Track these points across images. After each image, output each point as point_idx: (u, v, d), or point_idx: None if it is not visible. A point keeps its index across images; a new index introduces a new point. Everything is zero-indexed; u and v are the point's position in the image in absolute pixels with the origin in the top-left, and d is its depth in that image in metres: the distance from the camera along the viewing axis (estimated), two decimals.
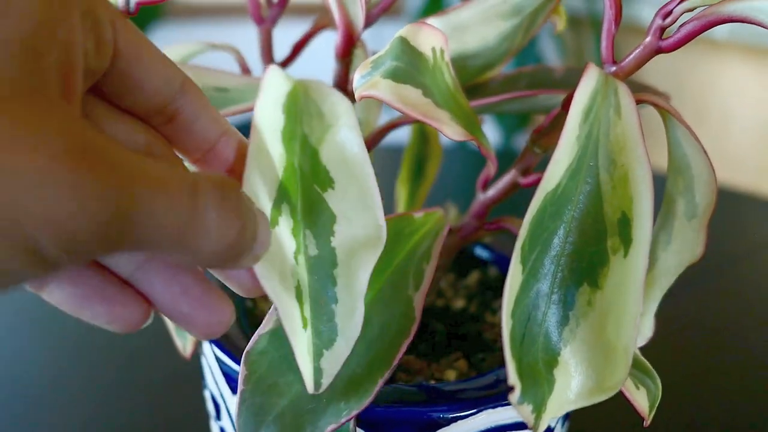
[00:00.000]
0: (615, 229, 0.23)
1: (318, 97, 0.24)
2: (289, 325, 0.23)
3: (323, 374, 0.24)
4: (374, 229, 0.24)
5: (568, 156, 0.22)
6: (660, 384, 0.27)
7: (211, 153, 0.23)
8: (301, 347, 0.23)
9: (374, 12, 0.27)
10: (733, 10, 0.23)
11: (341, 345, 0.24)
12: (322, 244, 0.24)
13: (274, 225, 0.23)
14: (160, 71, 0.21)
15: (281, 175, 0.24)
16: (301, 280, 0.24)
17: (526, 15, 0.30)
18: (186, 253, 0.18)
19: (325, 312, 0.24)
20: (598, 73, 0.24)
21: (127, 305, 0.21)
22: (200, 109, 0.23)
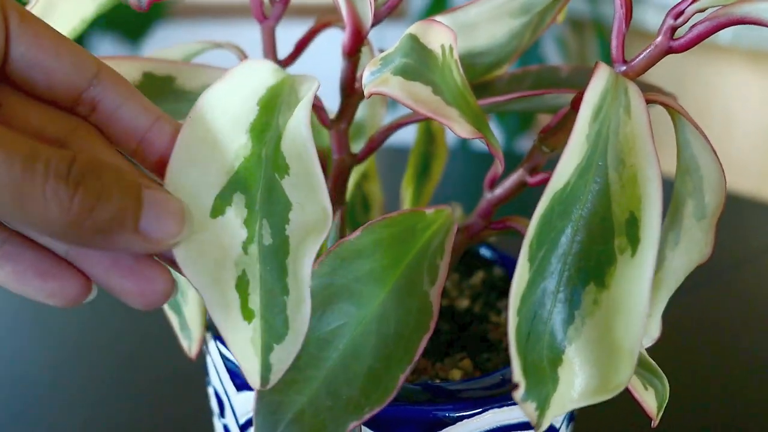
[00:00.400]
0: (623, 228, 0.22)
1: (300, 87, 0.24)
2: (222, 317, 0.23)
3: (272, 369, 0.23)
4: (321, 213, 0.23)
5: (577, 155, 0.22)
6: (668, 385, 0.27)
7: (144, 141, 0.23)
8: (242, 341, 0.23)
9: (382, 10, 0.27)
10: (747, 11, 0.23)
11: (291, 339, 0.23)
12: (277, 233, 0.24)
13: (217, 215, 0.23)
14: (66, 58, 0.22)
15: (237, 165, 0.24)
16: (248, 270, 0.23)
17: (535, 13, 0.30)
18: (30, 220, 0.19)
19: (277, 304, 0.23)
20: (608, 73, 0.24)
21: (62, 279, 0.22)
22: (123, 96, 0.23)
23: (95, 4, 0.31)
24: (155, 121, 0.23)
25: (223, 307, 0.23)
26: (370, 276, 0.27)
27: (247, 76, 0.24)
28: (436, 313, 0.27)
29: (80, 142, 0.22)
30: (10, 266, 0.22)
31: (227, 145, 0.24)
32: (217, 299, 0.23)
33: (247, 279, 0.23)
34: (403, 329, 0.26)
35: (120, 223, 0.20)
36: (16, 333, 0.56)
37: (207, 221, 0.23)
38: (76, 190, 0.19)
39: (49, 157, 0.19)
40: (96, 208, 0.20)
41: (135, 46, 1.65)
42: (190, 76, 0.30)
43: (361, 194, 0.43)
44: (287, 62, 0.33)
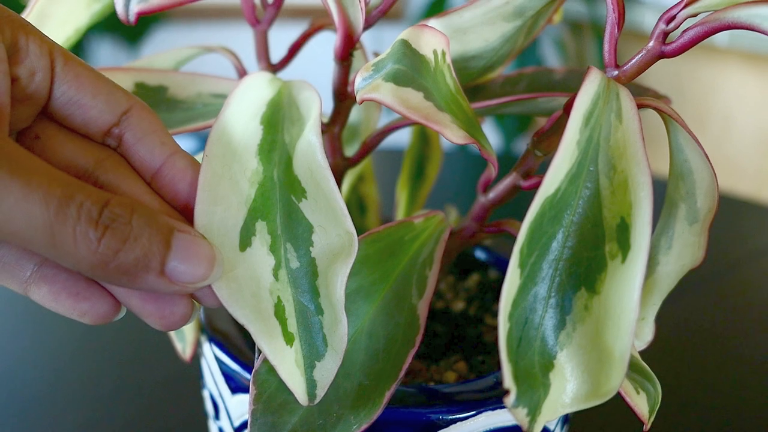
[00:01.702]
0: (614, 234, 0.22)
1: (299, 98, 0.24)
2: (267, 346, 0.23)
3: (317, 385, 0.24)
4: (346, 237, 0.24)
5: (568, 160, 0.22)
6: (660, 388, 0.27)
7: (158, 174, 0.24)
8: (288, 363, 0.23)
9: (374, 14, 0.27)
10: (737, 16, 0.23)
11: (332, 356, 0.24)
12: (303, 255, 0.24)
13: (245, 247, 0.24)
14: (102, 96, 0.24)
15: (254, 193, 0.24)
16: (283, 296, 0.24)
17: (529, 17, 0.30)
18: (61, 258, 0.20)
19: (312, 324, 0.24)
20: (600, 77, 0.24)
21: (93, 300, 0.23)
22: (143, 131, 0.24)
23: (89, 14, 0.31)
24: (170, 156, 0.24)
25: (268, 337, 0.23)
26: (358, 293, 0.27)
27: (247, 95, 0.24)
28: (422, 327, 0.27)
29: (109, 174, 0.24)
30: (46, 287, 0.23)
31: (242, 174, 0.24)
32: (261, 329, 0.23)
33: (283, 305, 0.24)
34: (391, 345, 0.26)
35: (145, 267, 0.21)
36: (16, 335, 0.56)
37: (238, 256, 0.24)
38: (104, 233, 0.20)
39: (84, 200, 0.20)
40: (121, 252, 0.20)
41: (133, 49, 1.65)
42: (182, 85, 0.30)
43: (357, 196, 0.43)
44: (280, 66, 0.33)
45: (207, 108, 0.30)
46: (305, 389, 0.24)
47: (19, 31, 0.22)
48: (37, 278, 0.23)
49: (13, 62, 0.22)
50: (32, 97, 0.23)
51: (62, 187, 0.20)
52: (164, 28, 1.71)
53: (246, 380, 0.30)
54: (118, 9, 0.21)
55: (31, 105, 0.23)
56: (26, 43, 0.22)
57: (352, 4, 0.25)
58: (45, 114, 0.24)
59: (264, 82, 0.26)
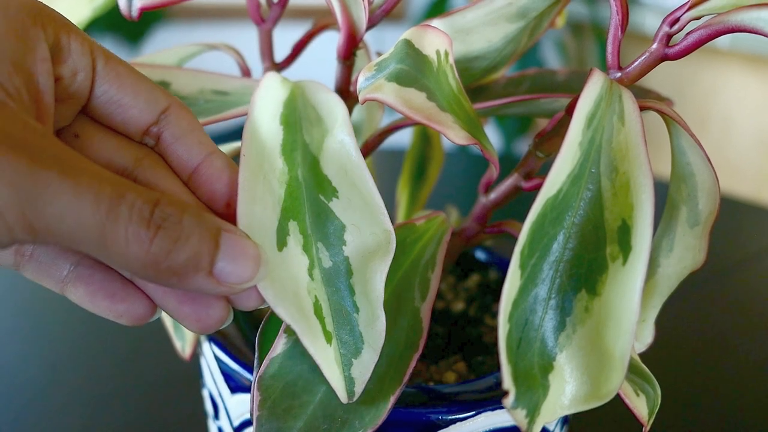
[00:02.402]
0: (615, 236, 0.22)
1: (315, 99, 0.24)
2: (312, 345, 0.23)
3: (355, 383, 0.24)
4: (383, 235, 0.24)
5: (570, 162, 0.22)
6: (659, 391, 0.27)
7: (195, 174, 0.24)
8: (328, 361, 0.24)
9: (377, 13, 0.27)
10: (741, 20, 0.23)
11: (369, 353, 0.24)
12: (335, 254, 0.24)
13: (282, 247, 0.24)
14: (142, 95, 0.24)
15: (284, 193, 0.24)
16: (319, 295, 0.24)
17: (532, 18, 0.30)
18: (111, 258, 0.20)
19: (348, 322, 0.24)
20: (603, 79, 0.24)
21: (129, 301, 0.23)
22: (182, 130, 0.24)
23: (91, 8, 0.31)
24: (207, 156, 0.24)
25: (312, 336, 0.23)
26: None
27: (266, 96, 0.24)
28: (426, 330, 0.27)
29: (147, 173, 0.24)
30: (83, 287, 0.23)
31: (272, 174, 0.24)
32: (305, 329, 0.23)
33: (320, 304, 0.24)
34: (394, 349, 0.26)
35: (195, 267, 0.21)
36: (15, 334, 0.56)
37: (277, 256, 0.24)
38: (156, 233, 0.20)
39: (135, 199, 0.20)
40: (173, 251, 0.20)
41: (134, 48, 1.65)
42: (184, 81, 0.30)
43: None
44: (284, 65, 0.33)
45: (209, 104, 0.30)
46: (344, 387, 0.24)
47: (62, 30, 0.22)
48: (73, 278, 0.23)
49: (56, 62, 0.22)
50: (74, 96, 0.23)
51: (112, 187, 0.20)
52: (165, 27, 1.71)
53: (245, 380, 0.30)
54: (121, 4, 0.21)
55: (72, 104, 0.23)
56: (68, 42, 0.22)
57: (355, 4, 0.25)
58: (84, 112, 0.24)
59: (277, 82, 0.26)
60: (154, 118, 0.24)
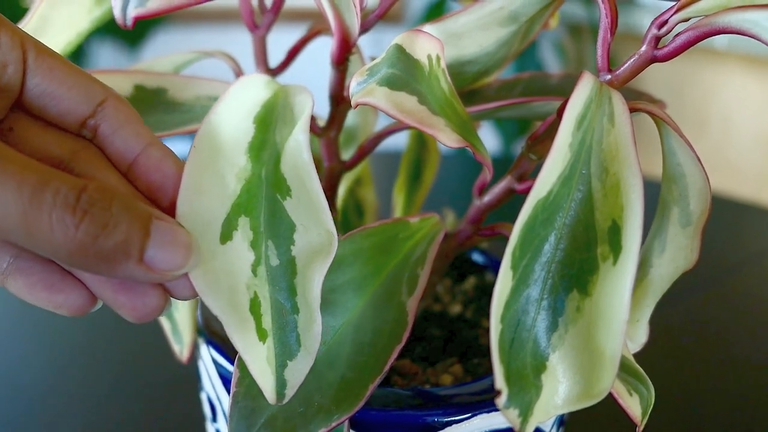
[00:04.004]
0: (605, 236, 0.23)
1: (294, 101, 0.24)
2: (240, 340, 0.23)
3: (287, 385, 0.24)
4: (326, 236, 0.24)
5: (560, 163, 0.22)
6: (653, 390, 0.27)
7: (133, 165, 0.24)
8: (259, 360, 0.23)
9: (370, 19, 0.27)
10: (728, 21, 0.23)
11: (304, 356, 0.24)
12: (283, 254, 0.24)
13: (226, 240, 0.24)
14: (75, 87, 0.23)
15: (240, 189, 0.24)
16: (260, 292, 0.24)
17: (524, 22, 0.30)
18: (38, 246, 0.20)
19: (287, 323, 0.24)
20: (592, 81, 0.24)
21: (67, 292, 0.23)
22: (119, 122, 0.24)
23: (90, 20, 0.31)
24: (145, 148, 0.24)
25: (241, 331, 0.23)
26: (349, 286, 0.27)
27: (242, 94, 0.24)
28: (410, 324, 0.27)
29: (84, 164, 0.23)
30: (21, 279, 0.23)
31: (229, 169, 0.24)
32: (235, 323, 0.23)
33: (259, 301, 0.24)
34: (377, 339, 0.26)
35: (124, 253, 0.21)
36: (15, 336, 0.56)
37: (218, 248, 0.24)
38: (82, 219, 0.20)
39: (59, 186, 0.20)
40: (100, 237, 0.20)
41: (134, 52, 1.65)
42: (181, 87, 0.31)
43: (355, 200, 0.43)
44: (279, 70, 0.33)
45: (205, 110, 0.30)
46: (274, 388, 0.24)
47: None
48: (13, 270, 0.23)
49: None
50: (4, 90, 0.22)
51: (37, 174, 0.20)
52: (164, 31, 1.72)
53: None
54: (116, 13, 0.21)
55: (3, 97, 0.23)
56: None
57: (348, 10, 0.26)
58: (19, 106, 0.24)
59: (261, 83, 0.26)
60: (90, 110, 0.24)
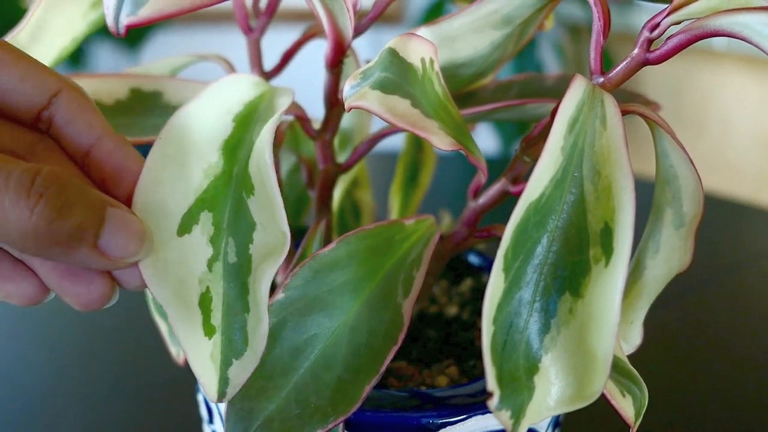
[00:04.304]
0: (597, 239, 0.23)
1: (277, 102, 0.24)
2: (185, 333, 0.23)
3: (229, 384, 0.24)
4: (281, 237, 0.24)
5: (552, 166, 0.23)
6: (646, 391, 0.27)
7: (87, 156, 0.24)
8: (203, 355, 0.23)
9: (363, 22, 0.27)
10: (719, 24, 0.23)
11: (250, 356, 0.24)
12: (241, 252, 0.24)
13: (184, 233, 0.24)
14: (28, 78, 0.23)
15: (207, 185, 0.24)
16: (213, 287, 0.24)
17: (518, 24, 0.30)
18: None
19: (237, 321, 0.24)
20: (584, 84, 0.24)
21: (18, 281, 0.23)
22: (73, 114, 0.24)
23: (86, 24, 0.31)
24: (98, 139, 0.24)
25: (185, 323, 0.23)
26: (345, 287, 0.27)
27: (224, 92, 0.24)
28: (406, 325, 0.27)
29: (39, 157, 0.23)
30: None
31: (197, 164, 0.24)
32: (180, 315, 0.23)
33: (211, 296, 0.24)
34: (373, 340, 0.26)
35: (79, 238, 0.21)
36: (14, 338, 0.56)
37: (173, 240, 0.24)
38: (37, 201, 0.20)
39: (13, 170, 0.20)
40: (56, 221, 0.20)
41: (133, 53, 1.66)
42: (177, 90, 0.31)
43: (352, 202, 0.44)
44: (274, 72, 0.33)
45: None
46: (217, 386, 0.24)
47: None
48: None
49: None
50: None
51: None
52: (164, 31, 1.72)
53: None
54: (109, 21, 0.22)
55: None
56: None
57: (341, 13, 0.26)
58: None
59: (248, 84, 0.26)
60: (44, 102, 0.23)
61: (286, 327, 0.26)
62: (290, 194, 0.44)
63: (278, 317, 0.26)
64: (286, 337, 0.25)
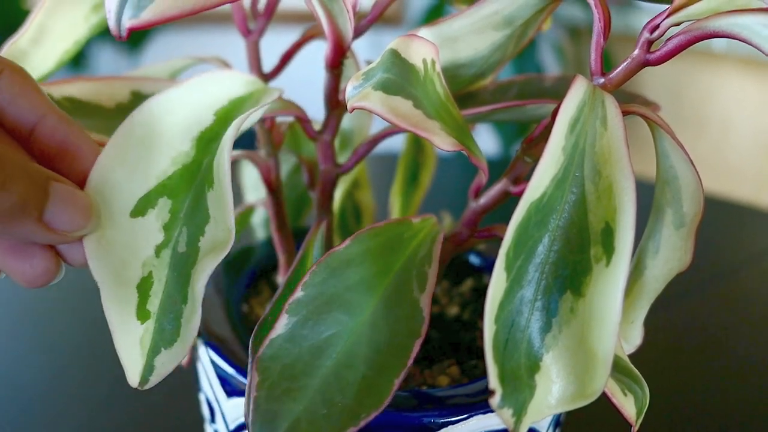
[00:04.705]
0: (598, 238, 0.23)
1: (263, 100, 0.24)
2: (115, 314, 0.23)
3: (153, 372, 0.24)
4: (227, 233, 0.24)
5: (553, 166, 0.23)
6: (648, 391, 0.27)
7: (31, 136, 0.24)
8: (131, 339, 0.23)
9: (363, 23, 0.27)
10: (718, 25, 0.23)
11: (179, 348, 0.24)
12: (192, 243, 0.24)
13: (137, 215, 0.24)
14: None
15: (173, 172, 0.24)
16: (156, 273, 0.24)
17: (518, 26, 0.30)
18: None
19: (174, 310, 0.24)
20: (585, 85, 0.24)
21: None
22: (14, 95, 0.24)
23: (88, 27, 0.32)
24: (41, 117, 0.24)
25: (118, 304, 0.23)
26: (361, 285, 0.27)
27: (212, 86, 0.24)
28: (427, 318, 0.27)
29: None
30: None
31: (166, 150, 0.24)
32: (113, 295, 0.23)
33: (152, 281, 0.24)
34: (395, 336, 0.26)
35: (22, 212, 0.21)
36: (13, 338, 0.56)
37: (124, 220, 0.24)
38: None
39: None
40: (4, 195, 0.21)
41: (134, 55, 1.66)
42: None
43: (353, 203, 0.44)
44: (273, 74, 0.34)
45: None
46: (141, 372, 0.24)
47: None
48: None
49: None
50: None
51: None
52: (166, 32, 1.72)
53: (241, 384, 0.31)
54: (111, 25, 0.22)
55: None
56: None
57: (341, 15, 0.26)
58: None
59: (240, 81, 0.27)
60: None
61: (306, 326, 0.26)
62: (291, 195, 0.44)
63: (298, 315, 0.26)
64: (307, 336, 0.25)
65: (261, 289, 0.40)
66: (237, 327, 0.34)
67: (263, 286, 0.40)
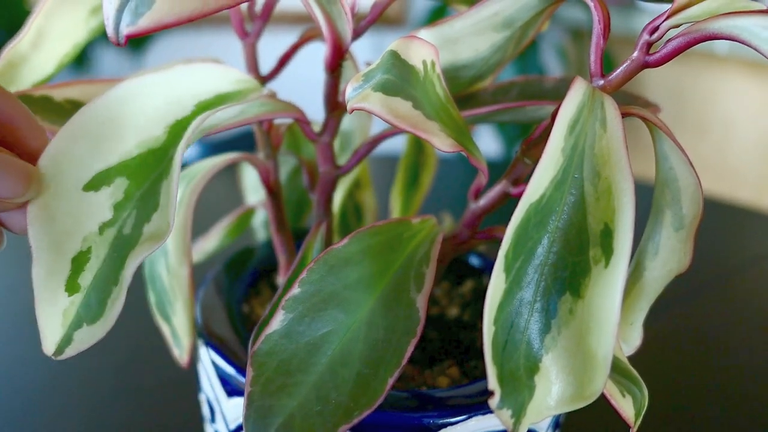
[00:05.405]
0: (597, 239, 0.23)
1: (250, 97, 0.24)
2: (45, 282, 0.23)
3: (71, 344, 0.24)
4: (165, 226, 0.24)
5: (552, 168, 0.23)
6: (646, 392, 0.27)
7: None
8: (55, 308, 0.23)
9: (362, 25, 0.27)
10: (718, 27, 0.23)
11: (100, 327, 0.24)
12: (137, 227, 0.24)
13: (89, 189, 0.24)
14: None
15: (137, 153, 0.24)
16: (95, 249, 0.24)
17: (518, 27, 0.30)
18: None
19: (104, 290, 0.24)
20: (585, 87, 0.24)
21: None
22: None
23: (87, 30, 0.32)
24: None
25: (48, 272, 0.23)
26: (359, 283, 0.27)
27: (198, 78, 0.24)
28: (423, 318, 0.27)
29: None
30: None
31: (134, 133, 0.24)
32: (46, 261, 0.23)
33: (90, 257, 0.24)
34: (391, 335, 0.26)
35: None
36: (15, 338, 0.56)
37: (75, 192, 0.24)
38: None
39: None
40: None
41: (137, 56, 1.66)
42: None
43: (354, 203, 0.44)
44: (270, 76, 0.34)
45: None
46: (58, 342, 0.23)
47: None
48: None
49: None
50: None
51: None
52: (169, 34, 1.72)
53: (241, 384, 0.31)
54: (109, 31, 0.22)
55: None
56: None
57: (339, 17, 0.26)
58: None
59: (230, 78, 0.27)
60: None
61: (302, 322, 0.26)
62: (291, 197, 0.44)
63: (295, 312, 0.26)
64: (304, 333, 0.25)
65: (261, 289, 0.40)
66: (237, 327, 0.34)
67: (264, 286, 0.40)
